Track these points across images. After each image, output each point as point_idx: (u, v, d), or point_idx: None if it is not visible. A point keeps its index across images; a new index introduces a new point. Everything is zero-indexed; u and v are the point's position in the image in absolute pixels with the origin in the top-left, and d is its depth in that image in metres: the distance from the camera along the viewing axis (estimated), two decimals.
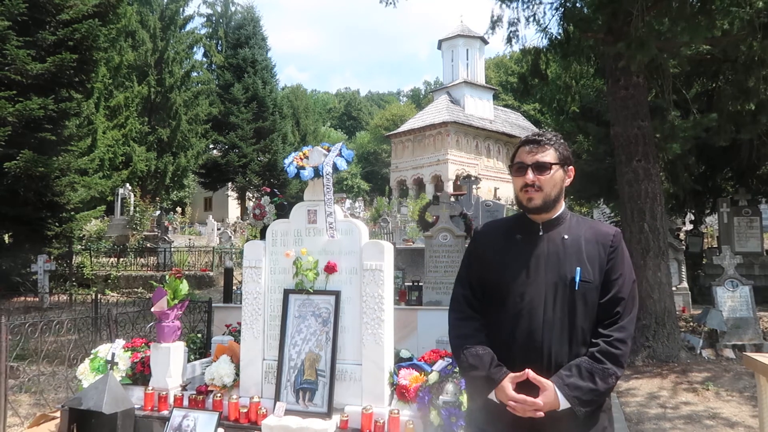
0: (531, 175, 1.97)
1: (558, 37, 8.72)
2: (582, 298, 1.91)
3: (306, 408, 3.54)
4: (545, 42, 8.88)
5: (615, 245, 1.98)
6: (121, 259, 16.22)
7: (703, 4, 6.72)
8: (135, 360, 4.26)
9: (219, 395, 3.82)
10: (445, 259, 8.12)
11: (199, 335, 5.01)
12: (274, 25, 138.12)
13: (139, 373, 4.20)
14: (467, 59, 39.04)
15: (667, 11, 6.95)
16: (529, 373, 1.86)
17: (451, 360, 3.56)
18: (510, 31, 8.98)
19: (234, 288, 7.81)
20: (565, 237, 1.99)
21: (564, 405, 1.82)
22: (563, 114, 13.45)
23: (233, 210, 37.67)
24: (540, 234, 2.01)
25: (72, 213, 13.72)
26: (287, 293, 3.79)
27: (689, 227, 15.60)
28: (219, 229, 23.02)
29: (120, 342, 4.41)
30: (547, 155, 1.99)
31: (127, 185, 21.89)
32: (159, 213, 21.10)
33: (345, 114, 72.64)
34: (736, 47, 7.44)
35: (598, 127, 12.39)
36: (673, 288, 8.59)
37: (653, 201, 7.42)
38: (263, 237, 4.03)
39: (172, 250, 16.21)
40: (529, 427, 1.87)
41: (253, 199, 30.92)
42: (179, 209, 30.55)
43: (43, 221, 12.97)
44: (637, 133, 7.48)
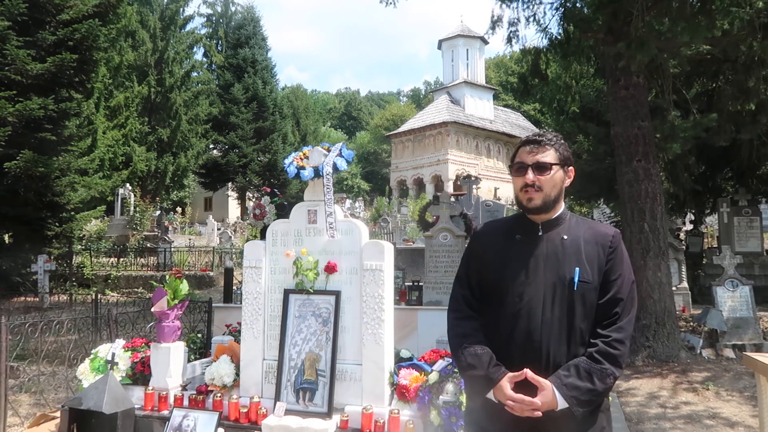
0: (531, 175, 1.97)
1: (558, 37, 8.72)
2: (581, 298, 1.91)
3: (306, 408, 3.54)
4: (545, 42, 8.89)
5: (614, 246, 1.98)
6: (121, 259, 16.23)
7: (703, 4, 6.72)
8: (135, 360, 4.26)
9: (219, 395, 3.82)
10: (446, 259, 8.13)
11: (200, 335, 5.01)
12: (274, 25, 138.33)
13: (140, 373, 4.20)
14: (467, 59, 39.04)
15: (667, 11, 6.95)
16: (528, 373, 1.86)
17: (451, 360, 3.56)
18: (510, 31, 8.98)
19: (234, 288, 7.81)
20: (565, 237, 1.99)
21: (562, 405, 1.83)
22: (563, 114, 13.45)
23: (233, 210, 37.67)
24: (539, 234, 2.02)
25: (72, 213, 13.72)
26: (287, 293, 3.79)
27: (689, 227, 15.60)
28: (219, 229, 23.03)
29: (120, 342, 4.41)
30: (548, 155, 1.99)
31: (127, 185, 21.90)
32: (159, 213, 21.10)
33: (345, 114, 72.64)
34: (736, 47, 7.44)
35: (598, 127, 12.38)
36: (673, 288, 8.59)
37: (653, 201, 7.43)
38: (263, 237, 4.03)
39: (172, 250, 16.22)
40: (529, 427, 1.87)
41: (253, 199, 30.93)
42: (179, 209, 30.57)
43: (44, 221, 12.98)
44: (638, 133, 7.48)
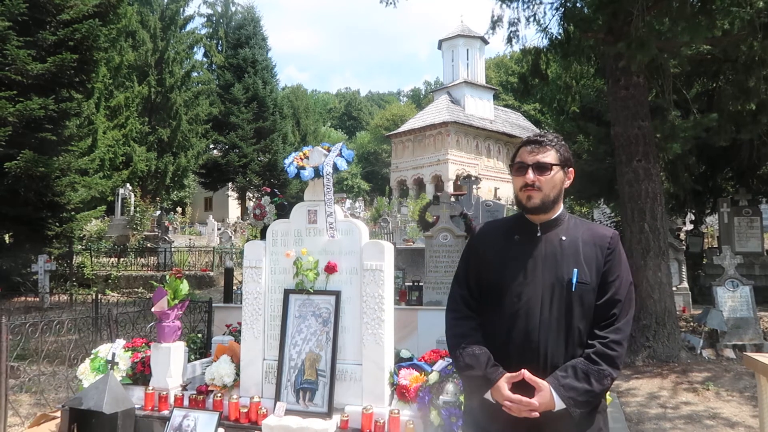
0: (531, 175, 1.97)
1: (558, 37, 8.72)
2: (579, 299, 1.92)
3: (306, 408, 3.54)
4: (545, 42, 8.88)
5: (612, 247, 1.98)
6: (122, 259, 16.23)
7: (704, 4, 6.72)
8: (135, 360, 4.26)
9: (219, 395, 3.82)
10: (446, 259, 8.12)
11: (200, 335, 5.01)
12: (274, 25, 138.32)
13: (140, 373, 4.20)
14: (467, 59, 39.04)
15: (668, 11, 6.95)
16: (525, 374, 1.87)
17: (451, 360, 3.56)
18: (510, 31, 8.98)
19: (234, 288, 7.81)
20: (563, 238, 2.00)
21: (559, 406, 1.83)
22: (563, 114, 13.44)
23: (233, 210, 37.67)
24: (538, 235, 2.02)
25: (72, 213, 13.73)
26: (287, 293, 3.79)
27: (689, 227, 15.59)
28: (219, 229, 23.04)
29: (120, 342, 4.41)
30: (548, 156, 2.00)
31: (128, 185, 21.91)
32: (159, 213, 21.11)
33: (345, 114, 72.65)
34: (736, 47, 7.44)
35: (598, 127, 12.37)
36: (674, 288, 8.59)
37: (653, 201, 7.42)
38: (263, 237, 4.02)
39: (172, 250, 16.23)
40: (527, 428, 1.87)
41: (254, 199, 30.93)
42: (179, 209, 30.59)
43: (44, 221, 12.99)
44: (638, 133, 7.48)
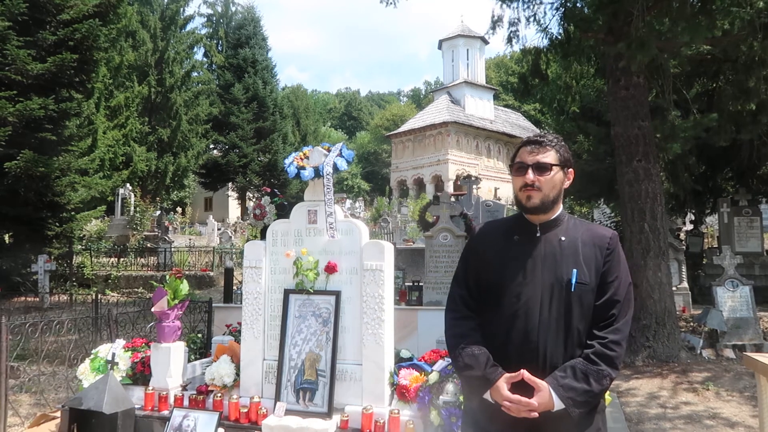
0: (531, 175, 1.97)
1: (558, 37, 8.72)
2: (578, 299, 1.92)
3: (306, 408, 3.54)
4: (546, 42, 8.88)
5: (611, 248, 1.98)
6: (122, 259, 16.23)
7: (704, 4, 6.72)
8: (135, 360, 4.25)
9: (219, 395, 3.82)
10: (446, 259, 8.12)
11: (200, 335, 5.01)
12: (274, 25, 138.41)
13: (140, 373, 4.20)
14: (468, 59, 39.05)
15: (668, 11, 6.95)
16: (524, 374, 1.87)
17: (450, 360, 3.56)
18: (510, 31, 8.98)
19: (234, 288, 7.81)
20: (562, 239, 2.00)
21: (558, 406, 1.83)
22: (564, 114, 13.43)
23: (233, 210, 37.67)
24: (537, 235, 2.02)
25: (72, 213, 13.73)
26: (287, 293, 3.79)
27: (689, 227, 15.59)
28: (219, 229, 23.04)
29: (120, 342, 4.41)
30: (548, 156, 2.00)
31: (128, 185, 21.91)
32: (159, 213, 21.11)
33: (345, 114, 72.65)
34: (736, 47, 7.44)
35: (598, 127, 12.37)
36: (674, 288, 8.59)
37: (653, 201, 7.42)
38: (263, 237, 4.02)
39: (172, 250, 16.23)
40: (526, 428, 1.88)
41: (254, 199, 30.93)
42: (179, 209, 30.60)
43: (44, 221, 12.99)
44: (638, 133, 7.48)
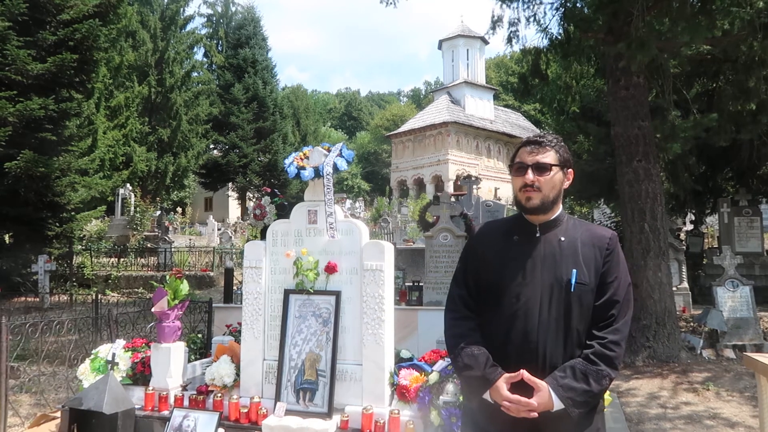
0: (531, 175, 1.97)
1: (558, 37, 8.72)
2: (577, 300, 1.92)
3: (306, 408, 3.54)
4: (546, 42, 8.88)
5: (611, 248, 1.99)
6: (122, 260, 16.23)
7: (704, 4, 6.72)
8: (135, 360, 4.25)
9: (219, 395, 3.82)
10: (446, 260, 8.11)
11: (200, 335, 5.01)
12: (274, 25, 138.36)
13: (140, 374, 4.19)
14: (468, 59, 39.05)
15: (668, 11, 6.95)
16: (524, 374, 1.87)
17: (450, 360, 3.56)
18: (510, 31, 8.98)
19: (234, 288, 7.81)
20: (562, 239, 2.00)
21: (558, 406, 1.83)
22: (564, 114, 13.42)
23: (234, 210, 37.67)
24: (537, 235, 2.02)
25: (72, 213, 13.73)
26: (288, 293, 3.79)
27: (690, 227, 15.59)
28: (219, 230, 23.05)
29: (120, 342, 4.41)
30: (548, 156, 2.00)
31: (128, 185, 21.92)
32: (159, 213, 21.11)
33: (345, 114, 72.65)
34: (736, 47, 7.44)
35: (598, 128, 12.36)
36: (674, 288, 8.58)
37: (654, 201, 7.42)
38: (264, 237, 4.02)
39: (172, 250, 16.23)
40: (525, 428, 1.88)
41: (254, 200, 30.93)
42: (180, 209, 30.60)
43: (44, 221, 12.98)
44: (638, 134, 7.48)
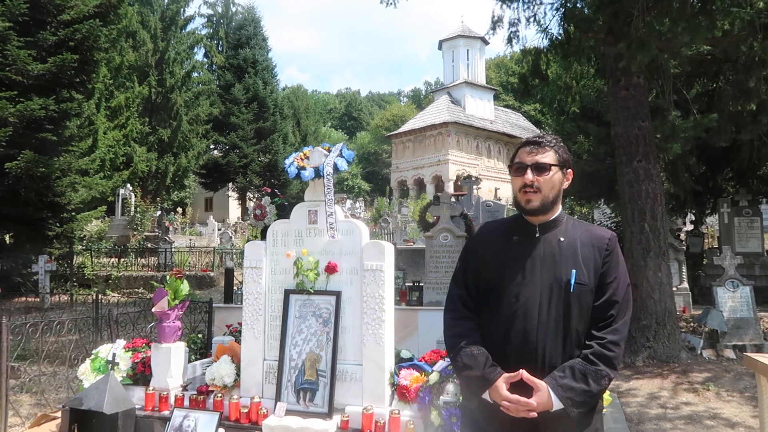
0: (530, 176, 1.98)
1: (558, 38, 8.72)
2: (577, 300, 1.92)
3: (307, 408, 3.54)
4: (546, 42, 8.88)
5: (610, 249, 1.99)
6: (122, 260, 16.24)
7: (704, 4, 6.72)
8: (136, 360, 4.26)
9: (220, 395, 3.82)
10: (446, 260, 8.11)
11: (200, 335, 5.01)
12: (274, 26, 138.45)
13: (140, 374, 4.20)
14: (468, 59, 39.06)
15: (668, 11, 6.95)
16: (523, 374, 1.87)
17: (449, 360, 3.56)
18: (510, 32, 8.98)
19: (235, 288, 7.81)
20: (561, 239, 2.00)
21: (557, 406, 1.83)
22: (564, 114, 13.43)
23: (234, 210, 37.68)
24: (536, 236, 2.02)
25: (73, 213, 13.74)
26: (288, 293, 3.79)
27: (690, 227, 15.59)
28: (220, 230, 23.06)
29: (121, 342, 4.41)
30: (547, 157, 2.00)
31: (128, 186, 21.93)
32: (160, 213, 21.11)
33: (345, 114, 72.66)
34: (736, 48, 7.45)
35: (598, 128, 12.36)
36: (674, 288, 8.58)
37: (654, 201, 7.42)
38: (264, 237, 4.02)
39: (172, 250, 16.23)
40: (525, 428, 1.88)
41: (254, 200, 30.92)
42: (180, 209, 30.60)
43: (44, 222, 12.99)
44: (638, 134, 7.48)
